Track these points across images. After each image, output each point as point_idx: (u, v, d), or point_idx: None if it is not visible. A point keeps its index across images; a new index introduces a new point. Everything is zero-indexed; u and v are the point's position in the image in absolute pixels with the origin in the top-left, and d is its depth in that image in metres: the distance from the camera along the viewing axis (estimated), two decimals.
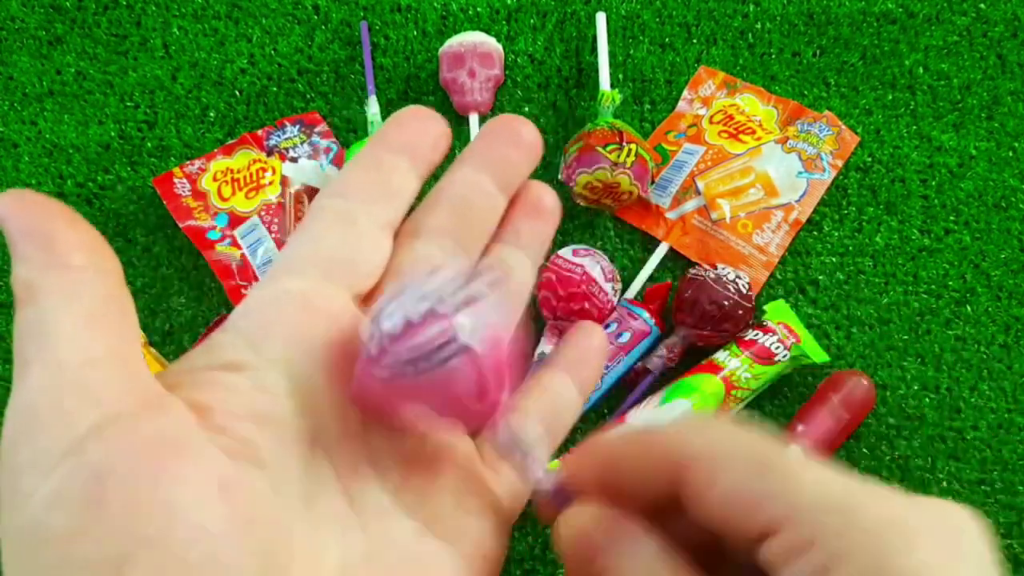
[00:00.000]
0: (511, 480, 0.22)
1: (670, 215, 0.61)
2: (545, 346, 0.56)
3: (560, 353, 0.25)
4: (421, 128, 0.23)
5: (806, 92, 0.65)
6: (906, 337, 0.58)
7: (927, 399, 0.56)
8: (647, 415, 0.53)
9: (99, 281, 0.17)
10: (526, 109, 0.65)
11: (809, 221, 0.61)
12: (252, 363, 0.18)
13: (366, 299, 0.21)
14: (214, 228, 0.59)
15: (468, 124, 0.63)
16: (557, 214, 0.24)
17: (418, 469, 0.20)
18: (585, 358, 0.25)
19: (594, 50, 0.64)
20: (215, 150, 0.62)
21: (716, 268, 0.56)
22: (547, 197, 0.24)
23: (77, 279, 0.17)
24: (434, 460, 0.21)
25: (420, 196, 0.24)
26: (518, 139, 0.23)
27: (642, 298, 0.58)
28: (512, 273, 0.23)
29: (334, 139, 0.63)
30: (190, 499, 0.15)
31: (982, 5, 0.67)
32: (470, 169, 0.23)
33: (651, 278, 0.59)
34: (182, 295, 0.59)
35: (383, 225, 0.22)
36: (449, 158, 0.24)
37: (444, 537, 0.20)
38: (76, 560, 0.15)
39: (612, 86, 0.62)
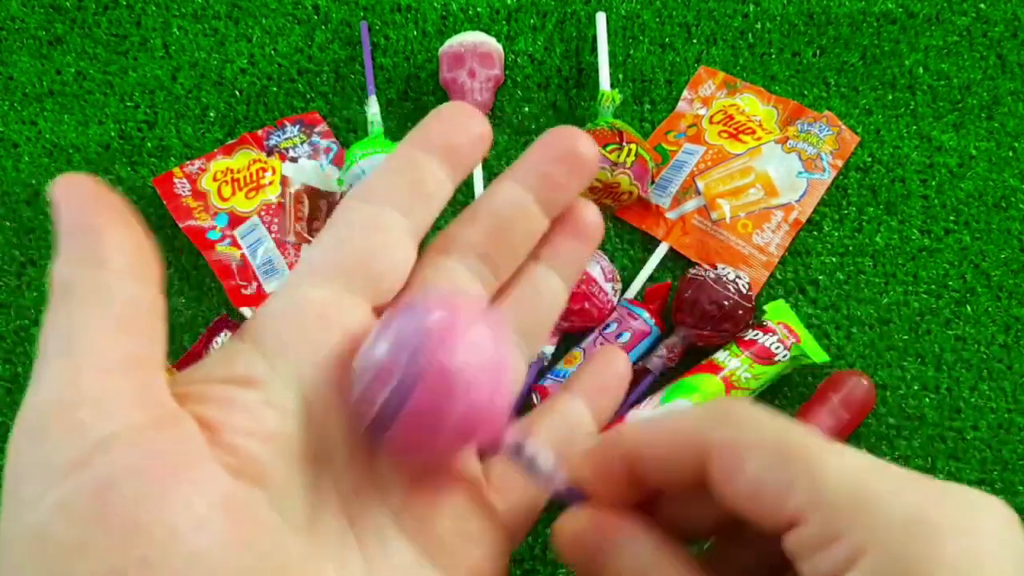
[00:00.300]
0: (516, 504, 0.21)
1: (670, 215, 0.61)
2: (545, 347, 0.56)
3: (580, 377, 0.24)
4: (462, 126, 0.21)
5: (806, 92, 0.65)
6: (906, 337, 0.58)
7: (927, 399, 0.56)
8: (647, 415, 0.53)
9: (135, 286, 0.17)
10: (526, 109, 0.65)
11: (809, 221, 0.61)
12: (265, 379, 0.18)
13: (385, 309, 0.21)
14: (214, 228, 0.59)
15: None
16: (599, 234, 0.23)
17: (421, 491, 0.20)
18: (606, 386, 0.24)
19: (594, 50, 0.64)
20: (215, 150, 0.62)
21: (716, 268, 0.56)
22: (592, 217, 0.23)
23: (113, 282, 0.17)
24: (438, 482, 0.20)
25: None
26: (574, 154, 0.21)
27: (642, 298, 0.58)
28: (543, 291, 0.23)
29: (334, 139, 0.63)
30: (191, 522, 0.15)
31: (982, 5, 0.67)
32: (516, 185, 0.22)
33: (651, 278, 0.59)
34: (182, 295, 0.59)
35: (412, 232, 0.21)
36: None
37: (442, 564, 0.19)
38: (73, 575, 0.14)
39: (612, 86, 0.62)
